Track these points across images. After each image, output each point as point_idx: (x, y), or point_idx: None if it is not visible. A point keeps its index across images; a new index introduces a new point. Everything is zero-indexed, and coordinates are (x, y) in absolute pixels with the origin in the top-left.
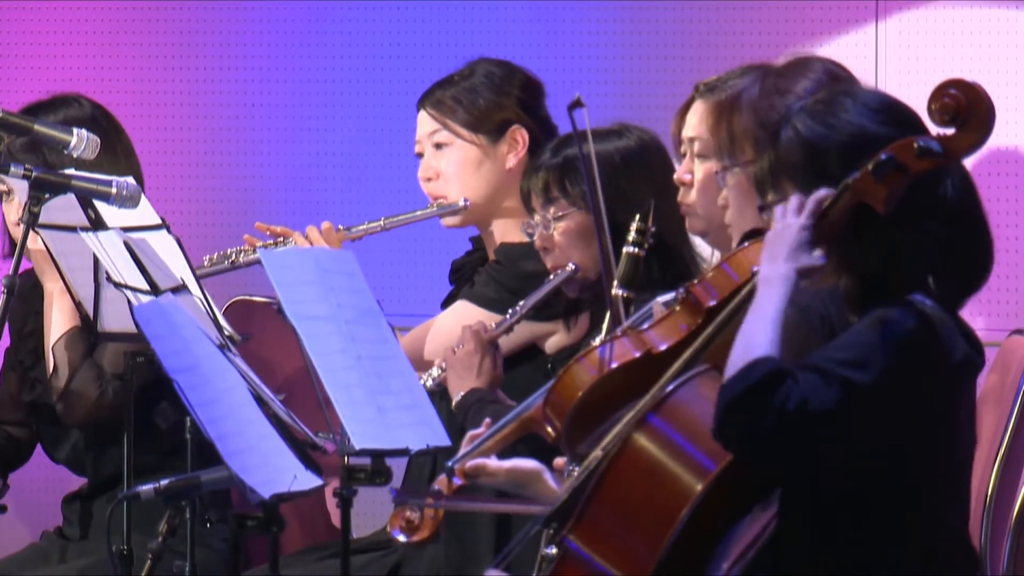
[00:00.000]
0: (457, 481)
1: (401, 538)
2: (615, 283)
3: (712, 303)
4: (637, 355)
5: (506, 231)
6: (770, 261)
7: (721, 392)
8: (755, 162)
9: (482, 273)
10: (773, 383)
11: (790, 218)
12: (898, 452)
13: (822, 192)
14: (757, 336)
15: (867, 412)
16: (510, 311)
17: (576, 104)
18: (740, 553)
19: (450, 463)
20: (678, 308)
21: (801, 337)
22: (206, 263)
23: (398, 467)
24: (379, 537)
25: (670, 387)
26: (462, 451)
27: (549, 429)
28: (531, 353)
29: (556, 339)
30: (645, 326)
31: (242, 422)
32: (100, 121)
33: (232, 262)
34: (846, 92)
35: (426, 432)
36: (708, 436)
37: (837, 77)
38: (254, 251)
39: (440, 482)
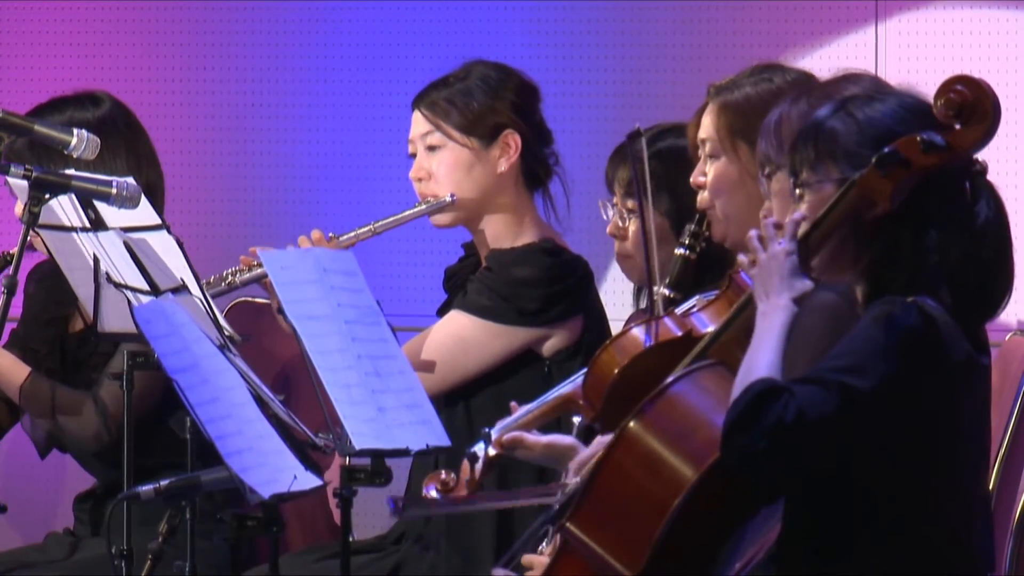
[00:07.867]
0: (493, 451)
1: (436, 495)
2: (665, 283)
3: None
4: (678, 334)
5: (497, 234)
6: (764, 296)
7: (725, 419)
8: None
9: (474, 281)
10: (768, 400)
11: (773, 246)
12: (899, 452)
13: (799, 214)
14: (756, 362)
15: (869, 417)
16: None
17: (636, 135)
18: (753, 555)
19: (487, 430)
20: (723, 295)
21: (844, 319)
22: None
23: (399, 468)
24: (379, 540)
25: (670, 379)
26: (501, 423)
27: (587, 407)
28: (529, 358)
29: (553, 342)
30: (695, 310)
31: (242, 422)
32: (118, 120)
33: (229, 284)
34: (892, 92)
35: (426, 432)
36: (704, 427)
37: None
38: (249, 270)
39: (476, 449)
